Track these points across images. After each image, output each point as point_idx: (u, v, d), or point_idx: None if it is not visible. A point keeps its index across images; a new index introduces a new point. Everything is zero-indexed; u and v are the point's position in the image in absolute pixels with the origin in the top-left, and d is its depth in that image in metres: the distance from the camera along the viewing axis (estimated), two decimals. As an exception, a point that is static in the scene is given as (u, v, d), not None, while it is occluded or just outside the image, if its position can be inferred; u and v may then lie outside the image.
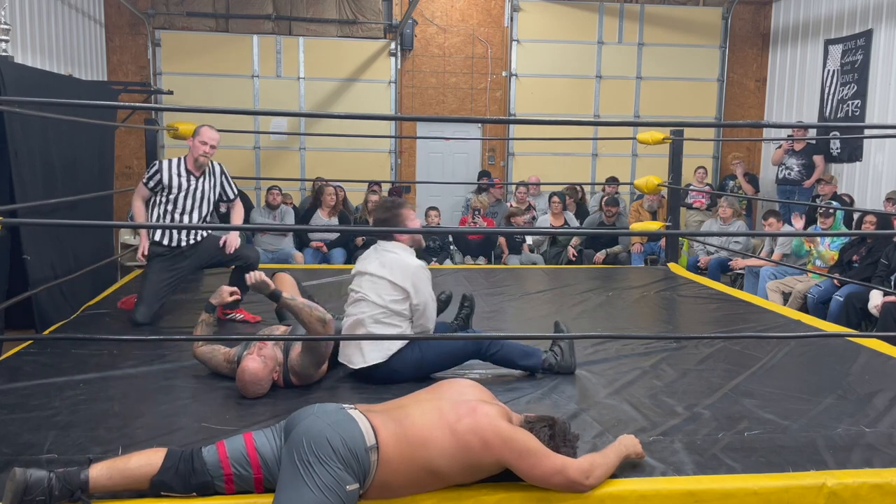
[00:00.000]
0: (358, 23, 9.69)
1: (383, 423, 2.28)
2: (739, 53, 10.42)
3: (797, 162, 8.68)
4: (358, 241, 7.94)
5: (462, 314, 4.09)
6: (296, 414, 2.34)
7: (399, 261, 3.44)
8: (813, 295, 6.30)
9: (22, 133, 4.78)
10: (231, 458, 2.28)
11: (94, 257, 5.76)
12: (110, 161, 6.79)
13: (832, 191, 7.97)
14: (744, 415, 3.07)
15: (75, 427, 2.83)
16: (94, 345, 3.87)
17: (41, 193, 4.96)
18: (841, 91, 8.74)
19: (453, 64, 10.07)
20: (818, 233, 6.85)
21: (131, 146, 9.36)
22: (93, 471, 2.23)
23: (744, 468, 2.56)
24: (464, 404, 2.36)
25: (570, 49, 10.01)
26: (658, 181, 6.62)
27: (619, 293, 5.70)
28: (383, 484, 2.26)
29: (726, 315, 4.98)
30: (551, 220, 8.48)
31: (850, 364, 3.79)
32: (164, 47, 9.39)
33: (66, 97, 4.63)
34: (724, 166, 10.37)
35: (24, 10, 6.73)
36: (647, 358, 3.86)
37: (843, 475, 2.50)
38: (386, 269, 3.42)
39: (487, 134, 10.24)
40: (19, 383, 3.32)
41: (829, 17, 9.01)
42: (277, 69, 9.59)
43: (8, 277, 4.90)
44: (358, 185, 8.88)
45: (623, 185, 9.20)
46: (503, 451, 2.29)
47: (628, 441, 2.57)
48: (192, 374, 3.55)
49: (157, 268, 4.55)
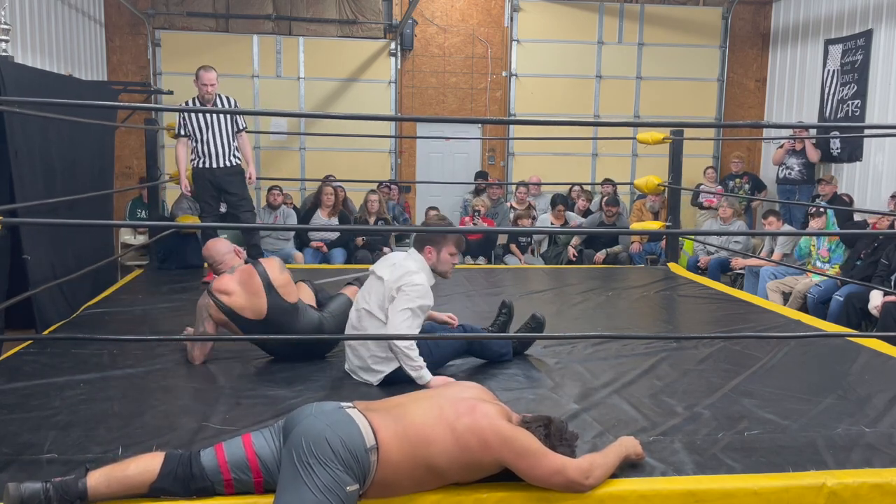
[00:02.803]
0: (358, 23, 9.69)
1: (383, 423, 2.27)
2: (739, 53, 10.42)
3: (798, 162, 8.68)
4: (358, 241, 7.94)
5: (499, 321, 4.02)
6: (294, 413, 2.33)
7: (404, 266, 3.37)
8: (813, 295, 6.30)
9: (22, 133, 4.77)
10: (230, 462, 2.27)
11: (94, 257, 5.75)
12: (110, 161, 6.78)
13: (832, 191, 7.97)
14: (744, 415, 3.07)
15: (75, 427, 2.82)
16: (94, 345, 3.87)
17: (41, 193, 4.95)
18: (841, 91, 8.74)
19: (453, 64, 10.07)
20: (818, 232, 6.85)
21: (131, 146, 9.36)
22: (91, 479, 2.20)
23: (744, 468, 2.56)
24: (463, 403, 2.36)
25: (570, 49, 10.01)
26: (658, 181, 6.62)
27: (619, 293, 5.70)
28: (383, 483, 2.25)
29: (726, 315, 4.97)
30: (552, 220, 8.48)
31: (850, 364, 3.79)
32: (164, 47, 9.39)
33: (66, 97, 4.64)
34: (725, 166, 10.37)
35: (24, 10, 6.72)
36: (647, 358, 3.86)
37: (843, 475, 2.50)
38: (386, 270, 3.41)
39: (487, 134, 10.24)
40: (19, 383, 3.32)
41: (829, 17, 9.01)
42: (277, 69, 9.59)
43: (8, 277, 4.90)
44: (358, 185, 8.88)
45: (624, 185, 9.20)
46: (502, 450, 2.28)
47: (628, 442, 2.57)
48: (192, 374, 3.55)
49: (201, 186, 5.83)
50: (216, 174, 5.76)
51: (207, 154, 5.72)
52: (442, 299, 5.35)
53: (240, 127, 5.87)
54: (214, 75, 5.68)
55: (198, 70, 5.69)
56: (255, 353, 3.81)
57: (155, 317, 4.70)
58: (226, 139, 5.75)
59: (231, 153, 5.78)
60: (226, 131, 5.75)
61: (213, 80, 5.64)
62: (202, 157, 5.74)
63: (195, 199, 6.25)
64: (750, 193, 9.06)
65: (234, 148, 5.80)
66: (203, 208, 5.96)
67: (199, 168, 5.79)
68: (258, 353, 3.81)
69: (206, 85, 5.62)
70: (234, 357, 3.79)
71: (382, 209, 8.09)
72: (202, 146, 5.72)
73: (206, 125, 5.70)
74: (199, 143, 5.73)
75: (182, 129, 5.75)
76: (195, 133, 5.71)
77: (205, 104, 5.67)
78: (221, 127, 5.73)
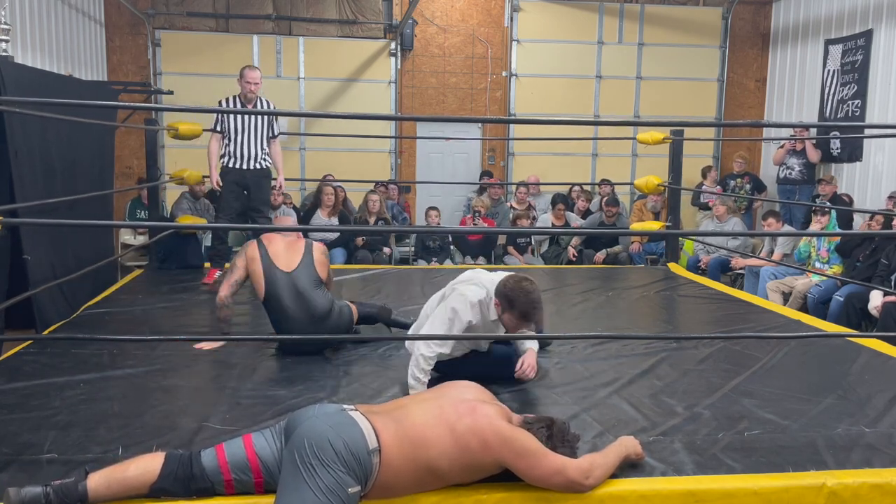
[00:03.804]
0: (358, 23, 9.69)
1: (384, 425, 2.28)
2: (739, 53, 10.42)
3: (798, 162, 8.68)
4: (358, 241, 7.93)
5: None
6: (296, 414, 2.33)
7: (477, 279, 3.30)
8: (813, 295, 6.30)
9: (22, 133, 4.78)
10: (231, 462, 2.27)
11: (94, 257, 5.75)
12: (110, 161, 6.78)
13: (832, 191, 7.97)
14: (744, 415, 3.07)
15: (75, 427, 2.83)
16: (94, 345, 3.87)
17: (41, 193, 4.95)
18: (841, 91, 8.74)
19: (453, 64, 10.07)
20: (818, 233, 6.85)
21: (131, 146, 9.36)
22: (91, 481, 2.21)
23: (744, 468, 2.56)
24: (464, 404, 2.36)
25: (570, 49, 10.01)
26: (658, 181, 6.62)
27: (619, 293, 5.70)
28: (384, 485, 2.25)
29: (726, 315, 4.98)
30: (552, 220, 8.48)
31: (850, 364, 3.79)
32: (164, 47, 9.39)
33: (66, 97, 4.64)
34: (725, 166, 10.37)
35: (24, 10, 6.73)
36: (647, 358, 3.86)
37: (843, 475, 2.50)
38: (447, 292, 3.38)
39: (487, 134, 10.24)
40: (19, 383, 3.32)
41: (829, 17, 9.01)
42: (277, 69, 9.59)
43: (8, 277, 4.90)
44: (358, 185, 8.88)
45: (624, 185, 9.20)
46: (502, 451, 2.28)
47: (628, 442, 2.57)
48: (192, 374, 3.56)
49: (227, 184, 5.72)
50: (246, 176, 5.71)
51: (240, 156, 5.67)
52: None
53: (274, 133, 5.85)
54: (258, 75, 5.65)
55: (242, 69, 5.66)
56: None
57: (155, 317, 4.70)
58: (260, 143, 5.72)
59: (262, 156, 5.75)
60: (261, 135, 5.74)
61: (257, 80, 5.60)
62: (234, 157, 5.68)
63: (215, 196, 6.21)
64: (750, 193, 9.07)
65: (265, 152, 5.77)
66: (221, 206, 5.84)
67: (230, 168, 5.72)
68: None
69: (251, 83, 5.56)
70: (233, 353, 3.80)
71: (382, 209, 8.09)
72: (236, 147, 5.67)
73: (244, 127, 5.66)
74: (233, 143, 5.67)
75: (219, 125, 5.71)
76: (230, 133, 5.66)
77: (247, 104, 5.62)
78: (258, 130, 5.71)
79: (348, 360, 3.79)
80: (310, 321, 3.79)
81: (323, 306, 3.86)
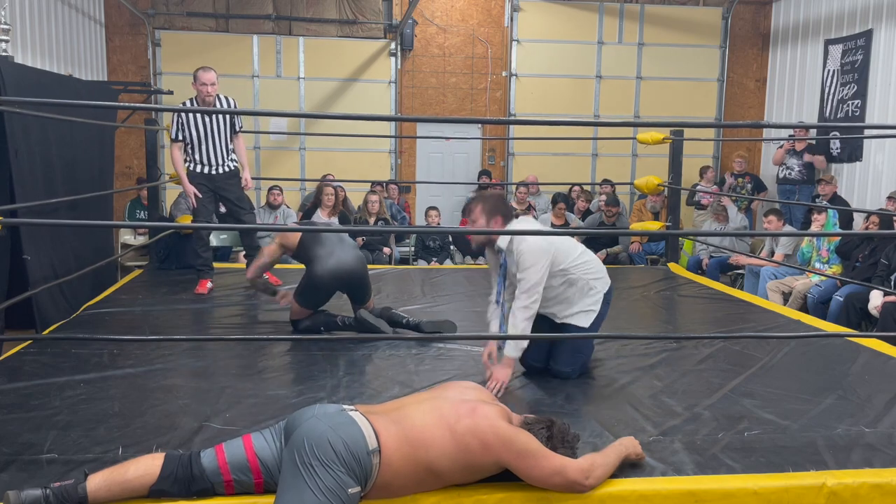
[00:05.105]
0: (358, 23, 9.69)
1: (384, 426, 2.28)
2: (739, 53, 10.42)
3: (798, 162, 8.68)
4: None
5: None
6: (296, 415, 2.33)
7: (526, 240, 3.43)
8: (813, 295, 6.30)
9: (22, 133, 4.78)
10: (230, 463, 2.27)
11: (94, 257, 5.76)
12: (110, 161, 6.79)
13: (832, 191, 7.97)
14: (744, 415, 3.07)
15: (75, 427, 2.82)
16: (94, 345, 3.87)
17: (41, 193, 4.96)
18: (841, 91, 8.74)
19: (453, 64, 10.07)
20: (819, 232, 6.85)
21: (131, 146, 9.37)
22: (90, 484, 2.21)
23: (744, 468, 2.56)
24: (464, 405, 2.36)
25: (569, 49, 10.01)
26: (658, 181, 6.62)
27: (619, 293, 5.65)
28: (384, 485, 2.25)
29: (726, 315, 4.98)
30: (553, 219, 8.48)
31: (850, 364, 3.79)
32: (164, 47, 9.39)
33: (66, 97, 4.65)
34: (725, 166, 10.37)
35: (24, 10, 6.73)
36: (647, 358, 3.86)
37: (843, 475, 2.50)
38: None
39: (487, 134, 10.24)
40: (19, 383, 3.32)
41: (829, 17, 9.01)
42: (277, 69, 9.60)
43: (8, 277, 4.90)
44: (358, 185, 8.88)
45: (624, 185, 9.20)
46: (502, 451, 2.28)
47: (628, 442, 2.57)
48: (192, 374, 3.55)
49: (201, 190, 5.51)
50: (215, 180, 5.51)
51: (206, 161, 5.46)
52: (442, 299, 5.36)
53: (236, 129, 5.63)
54: (214, 75, 5.34)
55: (196, 71, 5.36)
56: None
57: (155, 317, 4.70)
58: (224, 144, 5.51)
59: (229, 157, 5.56)
60: (224, 136, 5.51)
61: (212, 80, 5.30)
62: (200, 163, 5.46)
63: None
64: (751, 193, 9.07)
65: (231, 151, 5.58)
66: (198, 211, 5.58)
67: (197, 173, 5.49)
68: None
69: (206, 85, 5.27)
70: (233, 352, 3.79)
71: (382, 209, 8.09)
72: (200, 153, 5.45)
73: (206, 132, 5.41)
74: (196, 150, 5.44)
75: (179, 134, 5.41)
76: (192, 139, 5.40)
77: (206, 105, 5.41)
78: (220, 132, 5.47)
79: (348, 360, 3.79)
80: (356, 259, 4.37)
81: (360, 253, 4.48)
